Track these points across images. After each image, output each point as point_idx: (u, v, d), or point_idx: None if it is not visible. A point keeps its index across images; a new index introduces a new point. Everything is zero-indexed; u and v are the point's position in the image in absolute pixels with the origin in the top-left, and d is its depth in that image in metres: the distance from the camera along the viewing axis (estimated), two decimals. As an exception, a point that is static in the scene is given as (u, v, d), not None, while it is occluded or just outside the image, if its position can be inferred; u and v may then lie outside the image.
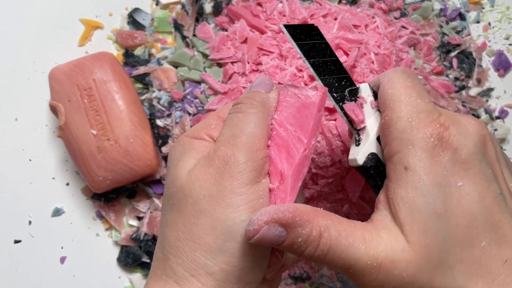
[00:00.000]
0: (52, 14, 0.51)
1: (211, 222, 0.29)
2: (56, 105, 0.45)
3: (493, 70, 0.53)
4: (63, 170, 0.50)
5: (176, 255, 0.29)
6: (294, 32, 0.30)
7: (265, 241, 0.27)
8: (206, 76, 0.48)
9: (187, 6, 0.50)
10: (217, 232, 0.29)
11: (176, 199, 0.30)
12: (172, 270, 0.29)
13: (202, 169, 0.30)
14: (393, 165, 0.30)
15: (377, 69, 0.43)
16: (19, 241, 0.50)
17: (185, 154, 0.32)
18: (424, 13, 0.51)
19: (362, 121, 0.33)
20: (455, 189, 0.28)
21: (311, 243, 0.28)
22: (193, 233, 0.29)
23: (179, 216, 0.30)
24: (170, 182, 0.31)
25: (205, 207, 0.29)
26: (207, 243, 0.29)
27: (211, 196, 0.29)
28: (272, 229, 0.27)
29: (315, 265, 0.48)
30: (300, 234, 0.28)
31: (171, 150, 0.34)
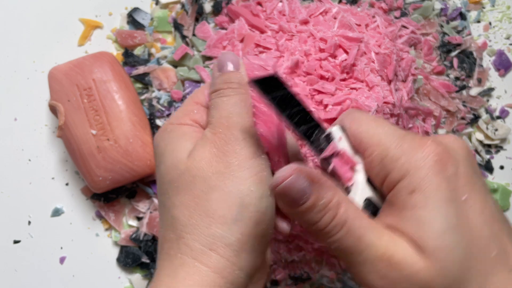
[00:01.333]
0: (52, 14, 0.51)
1: (223, 195, 0.30)
2: (56, 105, 0.45)
3: (494, 69, 0.53)
4: (63, 170, 0.50)
5: (191, 232, 0.30)
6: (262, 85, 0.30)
7: (291, 192, 0.28)
8: (200, 70, 0.48)
9: (186, 6, 0.50)
10: (230, 204, 0.30)
11: (182, 181, 0.31)
12: (188, 247, 0.30)
13: (205, 149, 0.31)
14: (396, 192, 0.29)
15: (377, 69, 0.43)
16: (18, 241, 0.50)
17: (178, 139, 0.33)
18: (424, 12, 0.51)
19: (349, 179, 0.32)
20: (462, 203, 0.28)
21: (331, 208, 0.28)
22: (206, 209, 0.30)
23: (189, 196, 0.31)
24: (169, 167, 0.32)
25: (215, 183, 0.30)
26: (221, 215, 0.30)
27: (220, 172, 0.30)
28: (300, 180, 0.28)
29: (315, 265, 0.48)
30: (324, 195, 0.28)
31: (158, 139, 0.34)
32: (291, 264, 0.48)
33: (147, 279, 0.49)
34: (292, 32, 0.45)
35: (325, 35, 0.43)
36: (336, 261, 0.47)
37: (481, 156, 0.52)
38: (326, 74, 0.43)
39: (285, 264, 0.48)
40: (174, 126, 0.34)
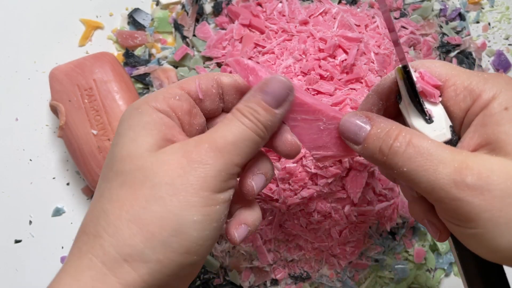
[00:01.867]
0: (53, 14, 0.51)
1: (162, 212, 0.27)
2: (57, 105, 0.45)
3: (493, 70, 0.53)
4: (64, 170, 0.50)
5: (112, 235, 0.27)
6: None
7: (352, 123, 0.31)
8: (200, 70, 0.48)
9: (187, 6, 0.50)
10: (165, 224, 0.27)
11: (131, 177, 0.28)
12: (102, 250, 0.27)
13: (174, 156, 0.28)
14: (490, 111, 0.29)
15: (377, 69, 0.44)
16: (19, 241, 0.50)
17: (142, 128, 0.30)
18: (424, 13, 0.51)
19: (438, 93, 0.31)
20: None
21: (390, 133, 0.29)
22: (139, 217, 0.27)
23: (130, 195, 0.28)
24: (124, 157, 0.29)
25: (162, 195, 0.27)
26: (151, 231, 0.27)
27: (173, 186, 0.28)
28: (358, 116, 0.31)
29: (315, 265, 0.48)
30: (382, 126, 0.30)
31: (125, 115, 0.31)
32: (291, 263, 0.48)
33: (148, 278, 0.49)
34: (292, 32, 0.45)
35: (324, 35, 0.44)
36: (336, 260, 0.48)
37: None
38: (325, 73, 0.43)
39: (285, 264, 0.48)
40: (147, 108, 0.30)
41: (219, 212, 0.29)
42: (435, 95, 0.31)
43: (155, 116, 0.30)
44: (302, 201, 0.43)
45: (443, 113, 0.31)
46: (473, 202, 0.27)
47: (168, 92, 0.31)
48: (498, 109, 0.29)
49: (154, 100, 0.31)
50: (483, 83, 0.30)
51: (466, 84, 0.30)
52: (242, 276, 0.48)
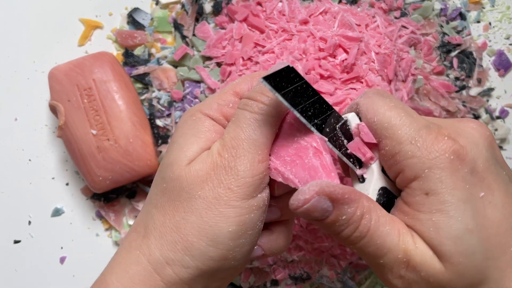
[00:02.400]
0: (52, 14, 0.51)
1: (199, 223, 0.29)
2: (56, 105, 0.45)
3: (494, 70, 0.53)
4: (63, 170, 0.50)
5: (158, 239, 0.30)
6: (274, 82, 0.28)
7: (312, 213, 0.28)
8: (200, 70, 0.48)
9: (186, 6, 0.50)
10: (202, 235, 0.29)
11: (171, 186, 0.30)
12: (148, 250, 0.30)
13: (203, 167, 0.29)
14: (411, 192, 0.29)
15: (377, 68, 0.43)
16: (18, 241, 0.50)
17: (192, 136, 0.31)
18: (424, 12, 0.51)
19: (371, 157, 0.31)
20: (479, 201, 0.28)
21: (353, 223, 0.28)
22: (179, 226, 0.29)
23: (170, 205, 0.30)
24: (168, 163, 0.31)
25: (198, 208, 0.29)
26: (190, 241, 0.29)
27: (206, 200, 0.29)
28: (322, 201, 0.27)
29: (315, 265, 0.48)
30: (345, 212, 0.28)
31: (181, 122, 0.32)
32: (291, 264, 0.48)
33: (147, 279, 0.49)
34: (292, 32, 0.45)
35: (325, 35, 0.44)
36: (336, 261, 0.47)
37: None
38: (325, 73, 0.43)
39: (285, 264, 0.48)
40: (200, 116, 0.31)
41: (254, 220, 0.29)
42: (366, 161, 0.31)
43: (207, 123, 0.31)
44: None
45: (376, 174, 0.31)
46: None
47: (222, 99, 0.32)
48: (418, 193, 0.28)
49: (208, 107, 0.32)
50: (409, 155, 0.28)
51: (393, 153, 0.29)
52: (242, 277, 0.48)
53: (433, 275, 0.28)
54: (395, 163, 0.29)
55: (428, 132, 0.28)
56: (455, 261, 0.27)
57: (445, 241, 0.27)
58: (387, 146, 0.29)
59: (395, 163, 0.29)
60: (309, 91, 0.30)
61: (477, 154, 0.28)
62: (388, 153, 0.29)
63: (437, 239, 0.28)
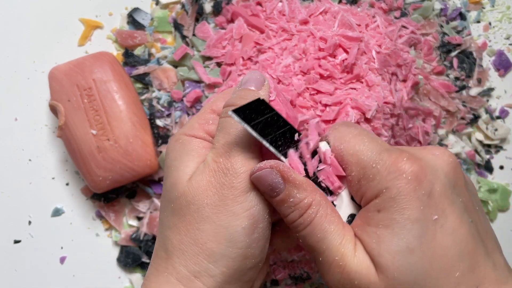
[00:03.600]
0: (52, 14, 0.51)
1: (214, 228, 0.30)
2: (56, 105, 0.45)
3: (494, 70, 0.53)
4: (63, 170, 0.50)
5: (180, 256, 0.31)
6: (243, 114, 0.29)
7: (263, 182, 0.30)
8: (196, 65, 0.48)
9: (187, 6, 0.50)
10: (219, 238, 0.30)
11: (178, 204, 0.32)
12: (174, 270, 0.31)
13: (203, 177, 0.31)
14: (366, 209, 0.30)
15: (377, 68, 0.43)
16: (18, 241, 0.50)
17: (185, 155, 0.33)
18: (424, 12, 0.51)
19: (339, 187, 0.32)
20: (432, 223, 0.29)
21: (298, 208, 0.30)
22: (196, 238, 0.31)
23: (182, 221, 0.31)
24: (171, 185, 0.32)
25: (208, 215, 0.30)
26: (209, 248, 0.30)
27: (214, 204, 0.31)
28: (274, 174, 0.30)
29: (315, 265, 0.48)
30: (294, 196, 0.30)
31: (169, 149, 0.34)
32: (291, 264, 0.48)
33: (147, 279, 0.49)
34: (292, 32, 0.45)
35: (325, 35, 0.43)
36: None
37: (481, 156, 0.52)
38: (325, 73, 0.43)
39: (285, 264, 0.48)
40: (185, 138, 0.34)
41: (261, 212, 0.31)
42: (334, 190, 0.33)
43: (194, 142, 0.33)
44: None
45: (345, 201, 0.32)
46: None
47: (202, 118, 0.34)
48: (372, 209, 0.30)
49: (190, 129, 0.34)
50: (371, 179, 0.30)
51: (358, 178, 0.31)
52: (242, 277, 0.48)
53: (367, 286, 0.29)
54: (360, 187, 0.31)
55: (389, 154, 0.30)
56: (390, 275, 0.28)
57: (384, 254, 0.29)
58: (353, 172, 0.31)
59: (360, 187, 0.31)
60: (280, 122, 0.32)
61: (435, 178, 0.29)
62: (354, 178, 0.31)
63: (377, 250, 0.29)
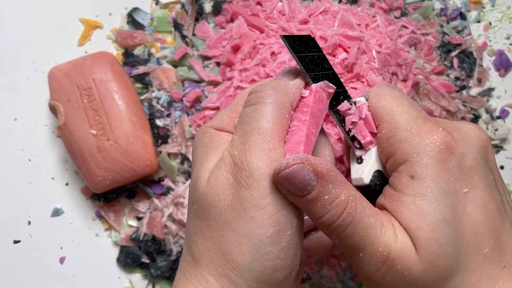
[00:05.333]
0: (52, 14, 0.51)
1: (236, 237, 0.27)
2: (56, 105, 0.45)
3: (494, 69, 0.53)
4: (63, 170, 0.50)
5: (208, 265, 0.28)
6: (293, 43, 0.28)
7: (294, 181, 0.26)
8: (194, 63, 0.48)
9: (186, 6, 0.50)
10: (243, 249, 0.27)
11: (199, 206, 0.28)
12: (203, 278, 0.28)
13: (220, 173, 0.28)
14: (398, 175, 0.29)
15: (378, 68, 0.43)
16: (18, 241, 0.50)
17: (211, 150, 0.30)
18: (424, 12, 0.51)
19: (370, 142, 0.32)
20: (462, 196, 0.28)
21: (336, 207, 0.27)
22: (221, 246, 0.27)
23: (206, 225, 0.28)
24: (193, 183, 0.29)
25: (229, 219, 0.27)
26: (234, 260, 0.27)
27: (233, 208, 0.27)
28: (305, 170, 0.26)
29: (315, 266, 0.47)
30: (329, 192, 0.27)
31: (196, 142, 0.31)
32: (291, 264, 0.48)
33: (147, 279, 0.49)
34: (292, 31, 0.45)
35: (325, 34, 0.43)
36: (336, 261, 0.47)
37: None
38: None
39: (285, 264, 0.48)
40: (213, 132, 0.31)
41: (288, 217, 0.27)
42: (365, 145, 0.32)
43: (223, 136, 0.30)
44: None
45: (373, 157, 0.32)
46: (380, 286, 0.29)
47: (232, 111, 0.31)
48: (405, 176, 0.29)
49: (220, 122, 0.31)
50: (402, 140, 0.29)
51: (389, 137, 0.30)
52: (242, 277, 0.48)
53: (408, 267, 0.28)
54: (388, 146, 0.30)
55: (425, 122, 0.29)
56: (429, 249, 0.28)
57: (424, 227, 0.28)
58: (384, 129, 0.30)
59: (388, 146, 0.30)
60: (325, 64, 0.31)
61: (467, 150, 0.29)
62: (384, 136, 0.30)
63: (415, 222, 0.28)
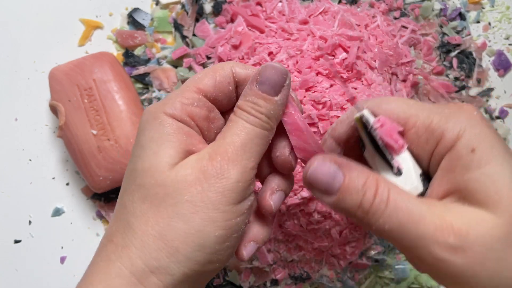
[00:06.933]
0: (52, 14, 0.51)
1: (185, 229, 0.28)
2: (56, 105, 0.45)
3: (493, 70, 0.53)
4: (63, 170, 0.50)
5: (139, 249, 0.28)
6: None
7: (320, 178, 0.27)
8: (193, 63, 0.48)
9: (187, 6, 0.50)
10: (189, 240, 0.28)
11: (153, 193, 0.29)
12: (130, 261, 0.28)
13: (191, 171, 0.29)
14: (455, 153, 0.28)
15: (377, 67, 0.43)
16: (19, 241, 0.50)
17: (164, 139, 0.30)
18: (424, 13, 0.51)
19: (403, 145, 0.29)
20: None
21: (369, 188, 0.27)
22: (164, 233, 0.28)
23: (153, 212, 0.29)
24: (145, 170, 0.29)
25: (184, 212, 0.28)
26: (175, 247, 0.28)
27: (193, 203, 0.28)
28: (326, 164, 0.27)
29: (315, 265, 0.48)
30: (357, 177, 0.27)
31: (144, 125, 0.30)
32: (291, 263, 0.48)
33: (147, 278, 0.49)
34: (292, 31, 0.45)
35: (325, 34, 0.44)
36: (336, 260, 0.47)
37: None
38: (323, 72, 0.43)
39: (285, 264, 0.48)
40: (165, 118, 0.30)
41: (239, 224, 0.29)
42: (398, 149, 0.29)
43: (175, 126, 0.30)
44: (302, 201, 0.43)
45: (412, 162, 0.29)
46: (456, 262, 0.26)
47: (185, 97, 0.30)
48: (465, 151, 0.27)
49: (172, 107, 0.30)
50: (444, 121, 0.28)
51: (427, 124, 0.29)
52: (242, 276, 0.48)
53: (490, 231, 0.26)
54: (431, 132, 0.28)
55: (445, 104, 0.29)
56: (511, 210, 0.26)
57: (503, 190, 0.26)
58: (418, 120, 0.29)
59: (431, 132, 0.28)
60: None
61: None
62: (421, 126, 0.29)
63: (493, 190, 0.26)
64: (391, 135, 0.29)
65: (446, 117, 0.28)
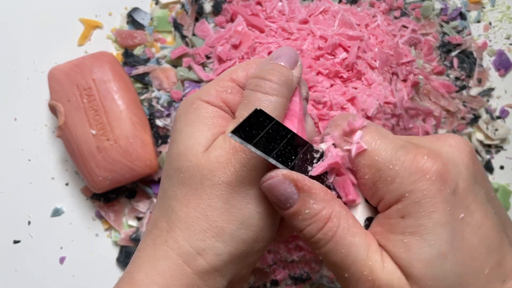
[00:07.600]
0: (52, 14, 0.51)
1: (227, 208, 0.29)
2: (56, 105, 0.45)
3: (494, 69, 0.53)
4: (63, 170, 0.50)
5: (184, 230, 0.29)
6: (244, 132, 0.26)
7: (275, 193, 0.28)
8: (192, 63, 0.48)
9: (186, 6, 0.50)
10: (232, 218, 0.29)
11: (189, 175, 0.29)
12: (176, 244, 0.29)
13: (223, 152, 0.29)
14: (388, 215, 0.28)
15: (378, 67, 0.43)
16: (18, 241, 0.50)
17: (200, 123, 0.30)
18: (424, 12, 0.51)
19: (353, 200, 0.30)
20: (459, 223, 0.27)
21: (317, 221, 0.27)
22: (206, 214, 0.29)
23: (193, 194, 0.29)
24: (181, 153, 0.30)
25: (223, 193, 0.29)
26: (220, 226, 0.29)
27: (230, 184, 0.29)
28: (287, 184, 0.27)
29: (315, 265, 0.48)
30: (310, 207, 0.27)
31: (181, 111, 0.31)
32: (291, 264, 0.48)
33: (147, 279, 0.49)
34: (292, 31, 0.45)
35: (325, 33, 0.43)
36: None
37: (481, 156, 0.51)
38: (324, 71, 0.43)
39: (285, 264, 0.48)
40: (201, 103, 0.31)
41: None
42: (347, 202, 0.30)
43: (210, 109, 0.31)
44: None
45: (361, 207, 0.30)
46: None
47: (219, 85, 0.31)
48: (395, 216, 0.27)
49: (207, 94, 0.31)
50: (389, 181, 0.27)
51: (374, 181, 0.28)
52: (242, 277, 0.48)
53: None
54: (376, 190, 0.28)
55: (406, 152, 0.27)
56: (424, 284, 0.27)
57: (415, 264, 0.27)
58: (367, 174, 0.28)
59: (376, 190, 0.28)
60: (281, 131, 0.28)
61: (457, 174, 0.27)
62: (369, 181, 0.28)
63: (406, 260, 0.27)
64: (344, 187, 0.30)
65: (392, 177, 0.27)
